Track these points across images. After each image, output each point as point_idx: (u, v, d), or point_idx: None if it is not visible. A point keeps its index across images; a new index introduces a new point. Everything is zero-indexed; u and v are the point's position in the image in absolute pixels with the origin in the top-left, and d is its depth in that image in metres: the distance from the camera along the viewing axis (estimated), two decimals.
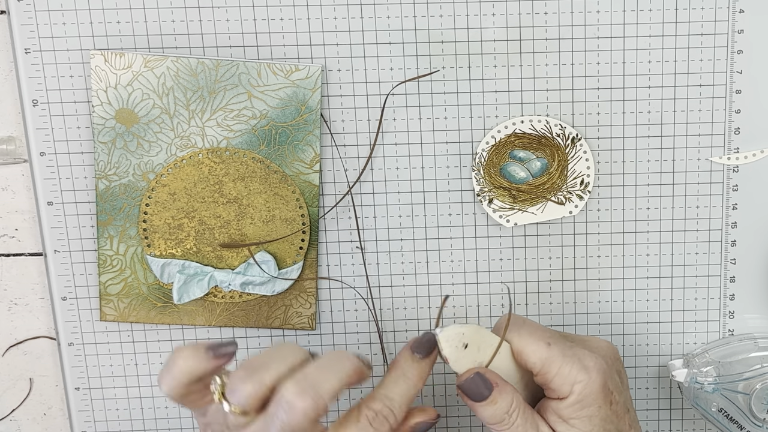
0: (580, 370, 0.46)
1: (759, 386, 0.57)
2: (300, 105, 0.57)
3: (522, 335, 0.47)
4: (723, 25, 0.56)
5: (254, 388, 0.44)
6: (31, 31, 0.56)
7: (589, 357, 0.47)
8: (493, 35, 0.56)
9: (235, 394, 0.44)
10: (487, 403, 0.46)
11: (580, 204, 0.58)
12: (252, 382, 0.44)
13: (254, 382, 0.44)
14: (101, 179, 0.58)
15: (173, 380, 0.45)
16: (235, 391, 0.44)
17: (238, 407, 0.44)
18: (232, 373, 0.45)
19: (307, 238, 0.59)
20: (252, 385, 0.44)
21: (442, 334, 0.45)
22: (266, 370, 0.44)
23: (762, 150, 0.58)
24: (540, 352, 0.47)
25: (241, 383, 0.44)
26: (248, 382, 0.44)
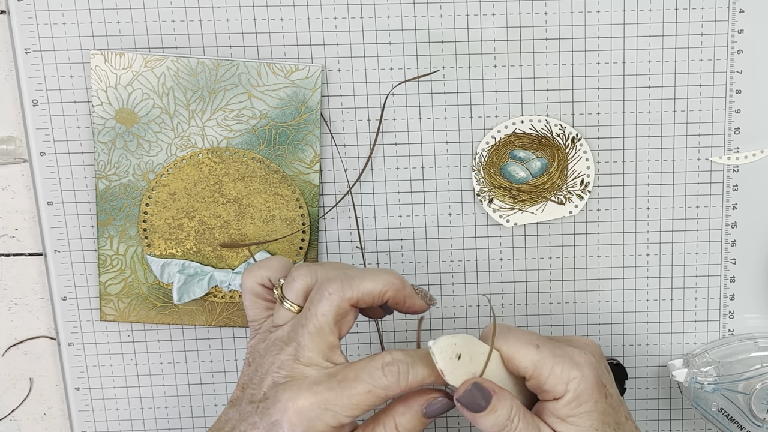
0: (572, 367, 0.46)
1: (759, 386, 0.57)
2: (300, 105, 0.57)
3: (510, 342, 0.47)
4: (723, 25, 0.56)
5: (306, 282, 0.48)
6: (31, 31, 0.56)
7: (579, 354, 0.47)
8: (493, 35, 0.56)
9: (291, 289, 0.48)
10: (487, 413, 0.46)
11: (580, 204, 0.58)
12: (305, 277, 0.48)
13: (308, 276, 0.48)
14: (101, 179, 0.58)
15: (262, 277, 0.50)
16: (291, 288, 0.48)
17: (294, 305, 0.48)
18: (290, 271, 0.50)
19: (307, 238, 0.59)
20: (305, 280, 0.48)
21: (436, 347, 0.45)
22: (318, 268, 0.49)
23: (762, 150, 0.58)
24: (530, 355, 0.47)
25: (296, 280, 0.48)
26: (303, 279, 0.48)
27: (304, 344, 0.46)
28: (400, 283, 0.48)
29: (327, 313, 0.46)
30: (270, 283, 0.50)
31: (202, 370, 0.61)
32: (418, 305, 0.49)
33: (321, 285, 0.47)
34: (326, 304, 0.46)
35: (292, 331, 0.47)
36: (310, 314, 0.47)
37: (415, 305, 0.49)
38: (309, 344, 0.46)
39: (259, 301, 0.50)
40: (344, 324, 0.47)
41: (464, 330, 0.61)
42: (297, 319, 0.47)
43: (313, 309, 0.47)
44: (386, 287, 0.47)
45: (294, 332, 0.47)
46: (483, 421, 0.46)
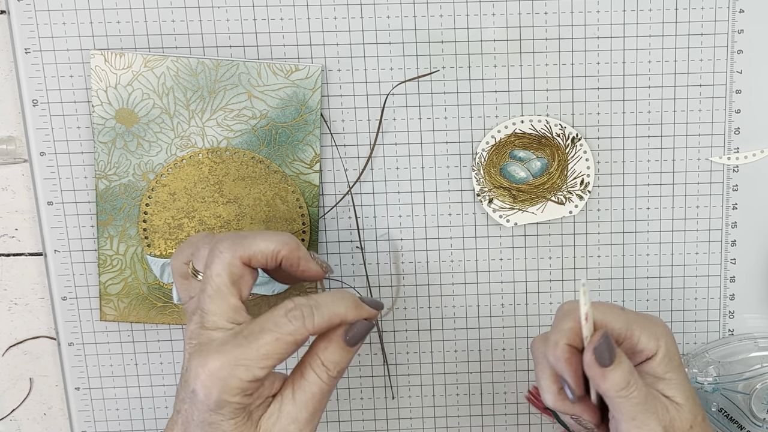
0: (656, 324, 0.48)
1: (759, 386, 0.57)
2: (300, 105, 0.57)
3: (599, 307, 0.48)
4: (723, 25, 0.56)
5: (209, 249, 0.48)
6: (31, 31, 0.56)
7: (653, 316, 0.49)
8: (493, 35, 0.56)
9: (198, 258, 0.49)
10: (615, 365, 0.45)
11: (580, 204, 0.58)
12: (208, 244, 0.49)
13: (209, 242, 0.49)
14: (101, 179, 0.58)
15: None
16: (198, 257, 0.49)
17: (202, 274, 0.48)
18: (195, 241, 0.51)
19: (307, 238, 0.59)
20: (207, 246, 0.49)
21: (584, 290, 0.44)
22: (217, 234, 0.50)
23: (762, 150, 0.58)
24: (620, 315, 0.47)
25: (200, 249, 0.49)
26: (206, 246, 0.49)
27: (206, 309, 0.46)
28: (294, 243, 0.48)
29: (221, 273, 0.46)
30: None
31: None
32: (313, 270, 0.50)
33: (213, 246, 0.47)
34: (218, 263, 0.46)
35: (196, 300, 0.48)
36: (206, 277, 0.47)
37: (310, 269, 0.49)
38: (210, 308, 0.46)
39: (184, 281, 0.51)
40: (243, 284, 0.47)
41: (464, 330, 0.61)
42: (200, 287, 0.48)
43: (208, 271, 0.47)
44: (279, 246, 0.48)
45: (197, 300, 0.47)
46: (612, 375, 0.45)
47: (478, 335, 0.61)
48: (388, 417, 0.62)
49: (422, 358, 0.61)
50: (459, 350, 0.61)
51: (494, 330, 0.61)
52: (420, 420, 0.62)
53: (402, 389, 0.62)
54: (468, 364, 0.61)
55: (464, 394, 0.62)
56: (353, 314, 0.47)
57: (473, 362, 0.61)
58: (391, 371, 0.62)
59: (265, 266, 0.48)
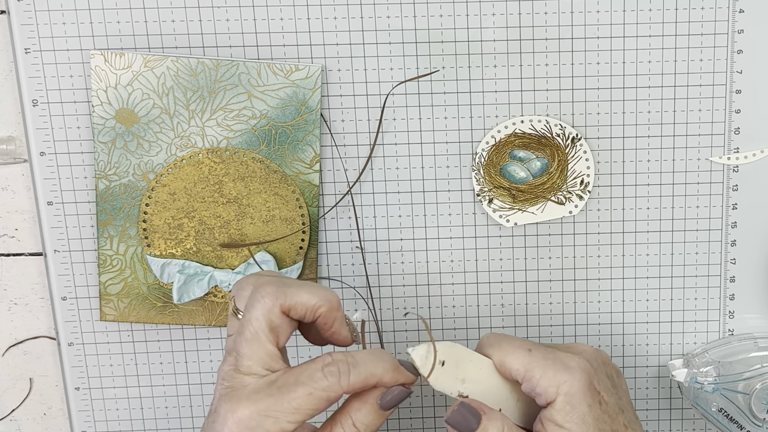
0: (563, 370, 0.47)
1: (759, 386, 0.57)
2: (300, 105, 0.57)
3: (502, 346, 0.48)
4: (723, 25, 0.56)
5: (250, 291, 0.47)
6: (31, 31, 0.56)
7: (571, 358, 0.47)
8: (493, 35, 0.56)
9: (241, 298, 0.48)
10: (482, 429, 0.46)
11: (580, 204, 0.58)
12: (252, 285, 0.48)
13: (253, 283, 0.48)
14: (101, 179, 0.58)
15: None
16: (241, 297, 0.48)
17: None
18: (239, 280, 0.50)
19: (307, 238, 0.59)
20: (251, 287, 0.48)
21: (415, 353, 0.45)
22: (263, 276, 0.49)
23: (762, 150, 0.58)
24: (522, 358, 0.47)
25: (244, 288, 0.48)
26: (250, 286, 0.48)
27: (242, 353, 0.46)
28: (336, 302, 0.47)
29: (260, 318, 0.46)
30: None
31: (202, 370, 0.61)
32: (343, 335, 0.49)
33: (256, 290, 0.47)
34: (259, 308, 0.46)
35: (233, 341, 0.47)
36: (245, 320, 0.46)
37: (341, 333, 0.48)
38: (247, 352, 0.45)
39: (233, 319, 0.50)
40: (281, 332, 0.46)
41: (464, 330, 0.61)
42: (237, 329, 0.47)
43: (248, 314, 0.46)
44: (321, 302, 0.47)
45: (234, 342, 0.47)
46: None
47: (478, 335, 0.61)
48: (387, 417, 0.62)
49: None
50: None
51: (494, 330, 0.61)
52: (420, 420, 0.62)
53: None
54: None
55: None
56: (390, 377, 0.46)
57: None
58: None
59: (302, 319, 0.47)
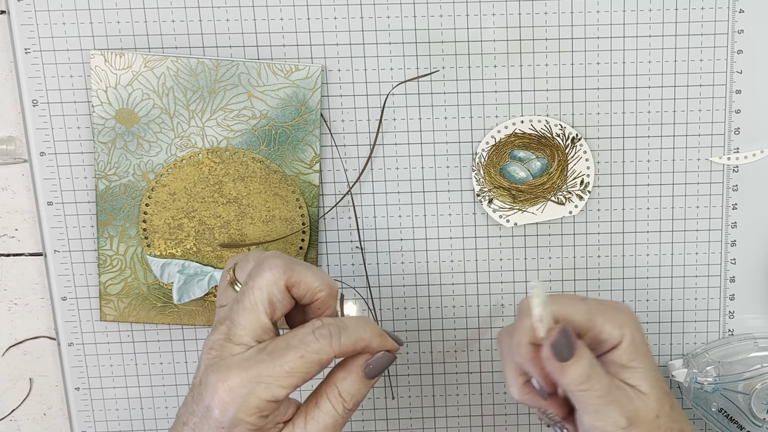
0: (620, 312, 0.47)
1: (759, 386, 0.57)
2: (300, 105, 0.57)
3: (560, 301, 0.47)
4: (723, 25, 0.56)
5: (254, 264, 0.48)
6: (31, 31, 0.56)
7: (617, 304, 0.48)
8: (493, 35, 0.56)
9: (244, 269, 0.48)
10: (575, 359, 0.44)
11: (580, 204, 0.58)
12: (254, 260, 0.48)
13: (256, 260, 0.48)
14: (101, 179, 0.58)
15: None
16: (244, 268, 0.48)
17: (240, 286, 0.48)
18: (246, 254, 0.50)
19: (307, 238, 0.59)
20: (254, 262, 0.48)
21: (536, 290, 0.44)
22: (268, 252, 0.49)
23: (762, 150, 0.58)
24: (582, 307, 0.46)
25: (250, 261, 0.48)
26: (255, 260, 0.48)
27: (237, 321, 0.45)
28: (335, 290, 0.48)
29: (263, 288, 0.46)
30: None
31: None
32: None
33: (263, 260, 0.47)
34: (265, 277, 0.46)
35: (228, 310, 0.47)
36: (247, 288, 0.46)
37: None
38: (242, 321, 0.45)
39: (230, 289, 0.50)
40: (278, 307, 0.46)
41: (464, 330, 0.61)
42: (235, 297, 0.47)
43: (251, 282, 0.46)
44: (322, 286, 0.47)
45: (230, 310, 0.46)
46: (571, 370, 0.44)
47: (478, 335, 0.61)
48: (388, 417, 0.62)
49: (422, 358, 0.61)
50: (459, 350, 0.61)
51: (494, 330, 0.61)
52: (420, 420, 0.62)
53: (402, 389, 0.62)
54: (468, 364, 0.61)
55: (464, 394, 0.62)
56: (377, 342, 0.47)
57: (473, 362, 0.61)
58: (391, 371, 0.62)
59: (300, 298, 0.48)
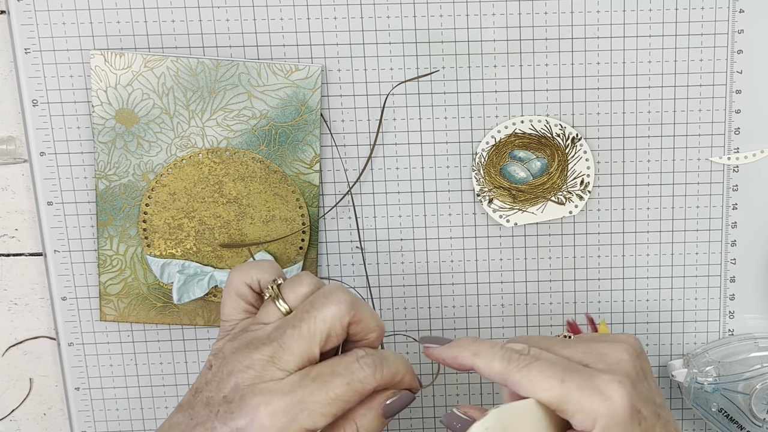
0: (600, 401, 0.43)
1: (759, 386, 0.57)
2: (300, 105, 0.57)
3: (532, 375, 0.44)
4: (723, 25, 0.56)
5: (312, 289, 0.47)
6: (31, 31, 0.56)
7: (611, 383, 0.44)
8: (493, 35, 0.56)
9: (294, 291, 0.47)
10: None
11: (580, 204, 0.58)
12: (312, 285, 0.47)
13: (315, 285, 0.47)
14: (101, 179, 0.58)
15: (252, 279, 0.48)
16: (294, 289, 0.47)
17: (287, 305, 0.47)
18: (299, 273, 0.49)
19: (307, 238, 0.59)
20: (311, 287, 0.47)
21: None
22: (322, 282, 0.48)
23: (762, 150, 0.58)
24: (554, 390, 0.43)
25: (303, 284, 0.47)
26: (309, 285, 0.47)
27: (287, 345, 0.44)
28: (383, 333, 0.48)
29: (326, 320, 0.44)
30: (258, 286, 0.48)
31: None
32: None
33: (331, 291, 0.46)
34: (333, 310, 0.45)
35: (275, 331, 0.45)
36: (309, 316, 0.45)
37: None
38: (293, 347, 0.44)
39: (240, 301, 0.48)
40: (332, 340, 0.45)
41: (464, 331, 0.61)
42: (286, 320, 0.45)
43: (314, 312, 0.45)
44: (377, 329, 0.47)
45: (278, 332, 0.45)
46: None
47: (478, 335, 0.61)
48: None
49: (422, 358, 0.61)
50: None
51: (494, 330, 0.61)
52: (420, 420, 0.62)
53: None
54: None
55: (464, 394, 0.62)
56: (409, 378, 0.47)
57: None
58: None
59: (353, 336, 0.47)
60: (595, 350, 0.46)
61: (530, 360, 0.45)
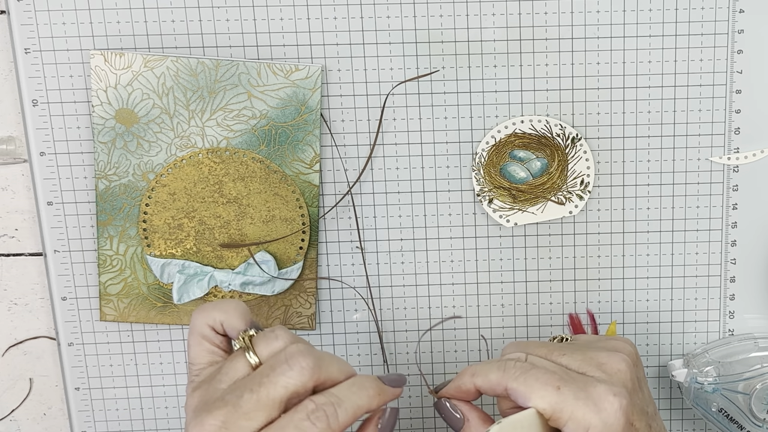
0: (594, 412, 0.43)
1: (759, 386, 0.57)
2: (300, 105, 0.57)
3: (528, 381, 0.44)
4: (723, 25, 0.56)
5: (286, 344, 0.44)
6: (31, 31, 0.56)
7: (606, 395, 0.43)
8: (493, 35, 0.56)
9: (269, 346, 0.44)
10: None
11: (580, 204, 0.58)
12: (287, 340, 0.45)
13: (289, 340, 0.45)
14: (101, 179, 0.58)
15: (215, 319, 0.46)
16: (269, 344, 0.44)
17: (258, 360, 0.44)
18: (274, 328, 0.46)
19: (307, 238, 0.59)
20: (286, 341, 0.44)
21: None
22: (296, 338, 0.45)
23: (762, 150, 0.58)
24: (549, 397, 0.43)
25: (279, 339, 0.44)
26: (285, 340, 0.45)
27: (244, 410, 0.41)
28: (353, 377, 0.46)
29: (289, 387, 0.42)
30: (221, 328, 0.46)
31: None
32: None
33: (292, 356, 0.43)
34: (294, 377, 0.42)
35: (231, 393, 0.42)
36: (269, 381, 0.42)
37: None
38: (251, 412, 0.41)
39: (205, 343, 0.46)
40: (291, 404, 0.43)
41: (464, 330, 0.61)
42: (243, 382, 0.43)
43: (275, 377, 0.42)
44: (344, 377, 0.45)
45: (234, 395, 0.42)
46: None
47: (478, 335, 0.61)
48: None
49: (422, 358, 0.61)
50: (459, 350, 0.61)
51: (494, 330, 0.61)
52: (420, 420, 0.62)
53: None
54: (468, 364, 0.61)
55: None
56: (377, 402, 0.45)
57: (473, 362, 0.61)
58: (391, 371, 0.62)
59: (319, 388, 0.44)
60: (593, 359, 0.46)
61: (527, 368, 0.45)
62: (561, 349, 0.47)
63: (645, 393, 0.48)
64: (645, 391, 0.48)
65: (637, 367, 0.48)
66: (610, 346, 0.48)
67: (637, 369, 0.47)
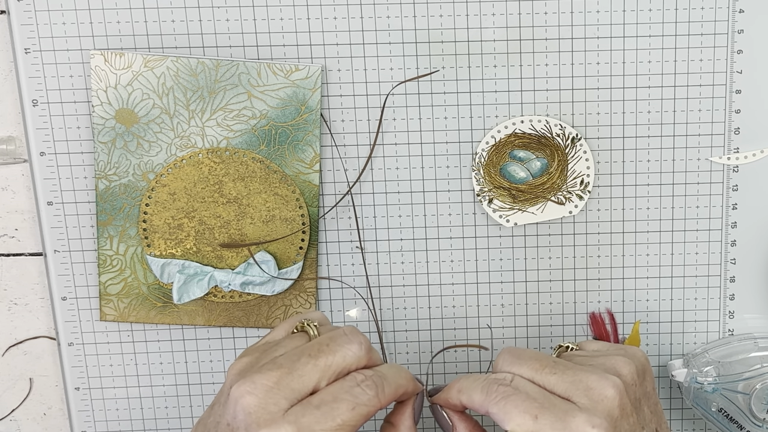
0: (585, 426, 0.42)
1: (759, 386, 0.57)
2: (300, 105, 0.57)
3: (507, 408, 0.44)
4: (723, 25, 0.56)
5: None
6: (31, 31, 0.56)
7: (584, 427, 0.42)
8: (493, 35, 0.56)
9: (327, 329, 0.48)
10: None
11: (580, 204, 0.58)
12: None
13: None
14: (101, 179, 0.58)
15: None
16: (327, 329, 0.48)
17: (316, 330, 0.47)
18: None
19: (307, 238, 0.59)
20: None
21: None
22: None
23: (762, 150, 0.58)
24: (525, 425, 0.43)
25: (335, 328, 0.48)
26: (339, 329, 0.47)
27: (299, 372, 0.43)
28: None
29: (347, 357, 0.45)
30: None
31: (202, 370, 0.61)
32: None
33: (351, 331, 0.46)
34: (354, 349, 0.45)
35: (287, 358, 0.44)
36: (329, 350, 0.45)
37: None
38: (305, 376, 0.43)
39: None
40: (338, 378, 0.45)
41: (464, 330, 0.61)
42: (300, 349, 0.45)
43: (335, 347, 0.45)
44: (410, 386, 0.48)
45: (290, 358, 0.44)
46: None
47: (478, 335, 0.61)
48: None
49: (422, 358, 0.61)
50: (459, 350, 0.61)
51: (494, 330, 0.61)
52: (420, 420, 0.62)
53: None
54: (468, 364, 0.62)
55: None
56: (413, 386, 0.47)
57: (473, 362, 0.61)
58: None
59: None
60: (581, 382, 0.45)
61: (509, 393, 0.44)
62: (554, 366, 0.46)
63: (642, 414, 0.46)
64: (642, 411, 0.46)
65: (636, 387, 0.46)
66: (608, 365, 0.46)
67: (631, 392, 0.45)
